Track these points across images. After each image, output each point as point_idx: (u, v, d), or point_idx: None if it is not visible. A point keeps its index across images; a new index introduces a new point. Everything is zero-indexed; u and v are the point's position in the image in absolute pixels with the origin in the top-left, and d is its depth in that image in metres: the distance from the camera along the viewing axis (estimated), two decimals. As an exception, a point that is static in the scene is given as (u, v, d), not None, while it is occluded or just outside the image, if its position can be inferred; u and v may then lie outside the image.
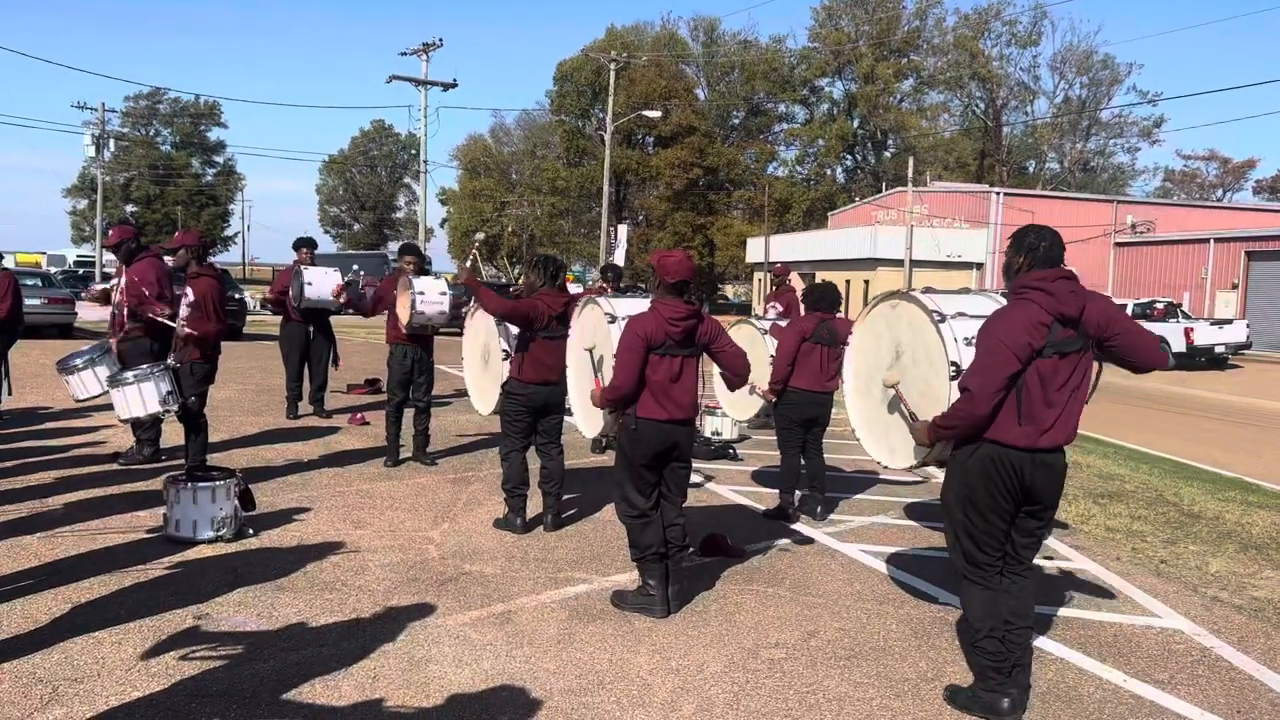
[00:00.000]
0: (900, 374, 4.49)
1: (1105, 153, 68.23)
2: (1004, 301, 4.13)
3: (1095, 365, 3.95)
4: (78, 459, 7.96)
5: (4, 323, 9.38)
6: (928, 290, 4.55)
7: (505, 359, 6.44)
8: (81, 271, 45.33)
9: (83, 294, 19.89)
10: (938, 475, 4.86)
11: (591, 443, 8.14)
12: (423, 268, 8.64)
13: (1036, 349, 3.72)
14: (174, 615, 4.59)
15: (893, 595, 5.45)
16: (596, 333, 5.39)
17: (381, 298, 8.90)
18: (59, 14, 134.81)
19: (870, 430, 4.81)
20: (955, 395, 3.96)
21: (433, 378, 8.71)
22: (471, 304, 7.05)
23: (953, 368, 4.11)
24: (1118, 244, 42.38)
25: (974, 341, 3.98)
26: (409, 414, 8.52)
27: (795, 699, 4.04)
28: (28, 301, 19.37)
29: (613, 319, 5.16)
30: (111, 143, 56.48)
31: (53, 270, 33.82)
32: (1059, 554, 6.35)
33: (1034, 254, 3.86)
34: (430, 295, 8.05)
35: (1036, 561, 4.17)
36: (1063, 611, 5.24)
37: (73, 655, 4.08)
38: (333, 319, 11.10)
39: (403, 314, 8.11)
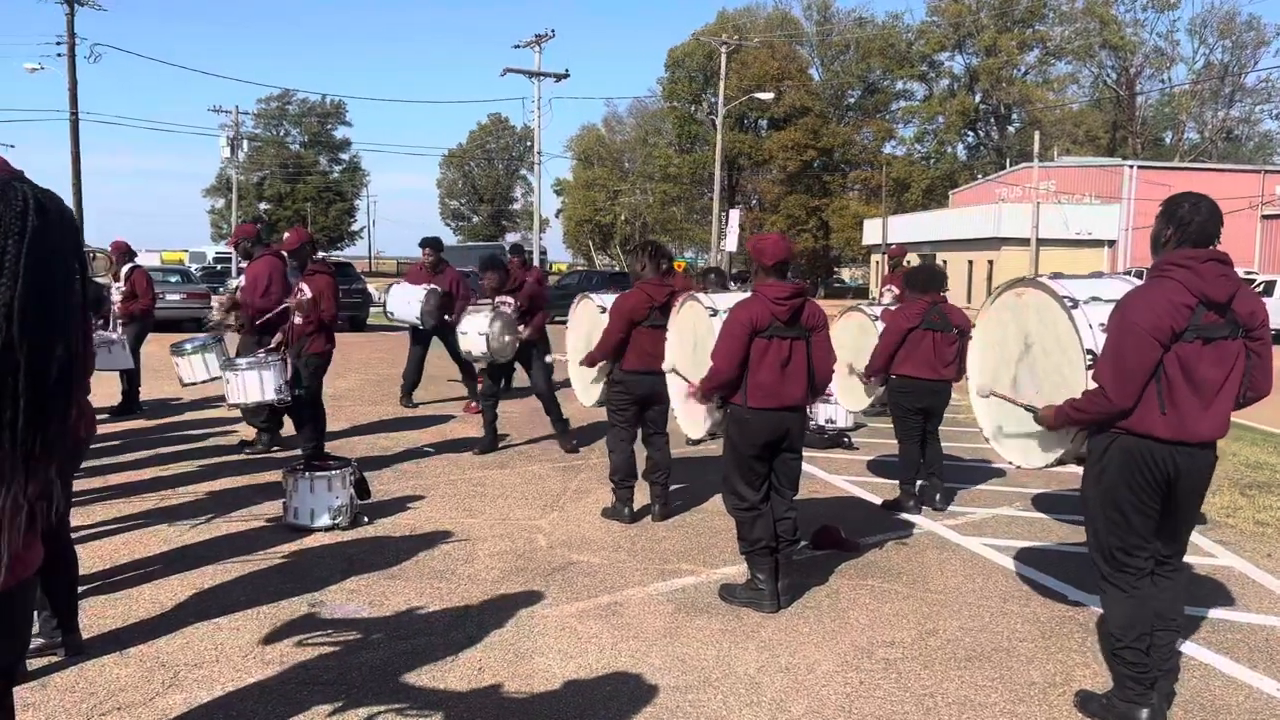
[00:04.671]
0: (1029, 365, 4.24)
1: (1250, 120, 64.10)
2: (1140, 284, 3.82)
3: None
4: (207, 449, 8.30)
5: (143, 318, 9.85)
6: (1056, 276, 4.27)
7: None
8: (220, 267, 47.59)
9: (214, 303, 20.89)
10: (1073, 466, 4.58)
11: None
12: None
13: (1177, 332, 3.41)
14: (289, 602, 4.69)
15: (1017, 592, 5.17)
16: (697, 328, 5.26)
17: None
18: (196, 23, 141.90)
19: (999, 430, 4.53)
20: (1093, 385, 3.68)
21: (545, 368, 8.72)
22: (576, 302, 7.12)
23: (1089, 356, 3.82)
24: (1265, 216, 39.75)
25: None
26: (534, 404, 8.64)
27: (912, 702, 3.84)
28: (168, 297, 20.64)
29: (714, 313, 5.03)
30: (245, 144, 59.08)
31: (193, 267, 35.60)
32: (1202, 550, 5.92)
33: (1184, 229, 3.50)
34: (470, 335, 8.15)
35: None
36: (1208, 613, 4.86)
37: (194, 641, 4.21)
38: None
39: None
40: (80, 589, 4.62)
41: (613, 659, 4.17)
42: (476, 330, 8.14)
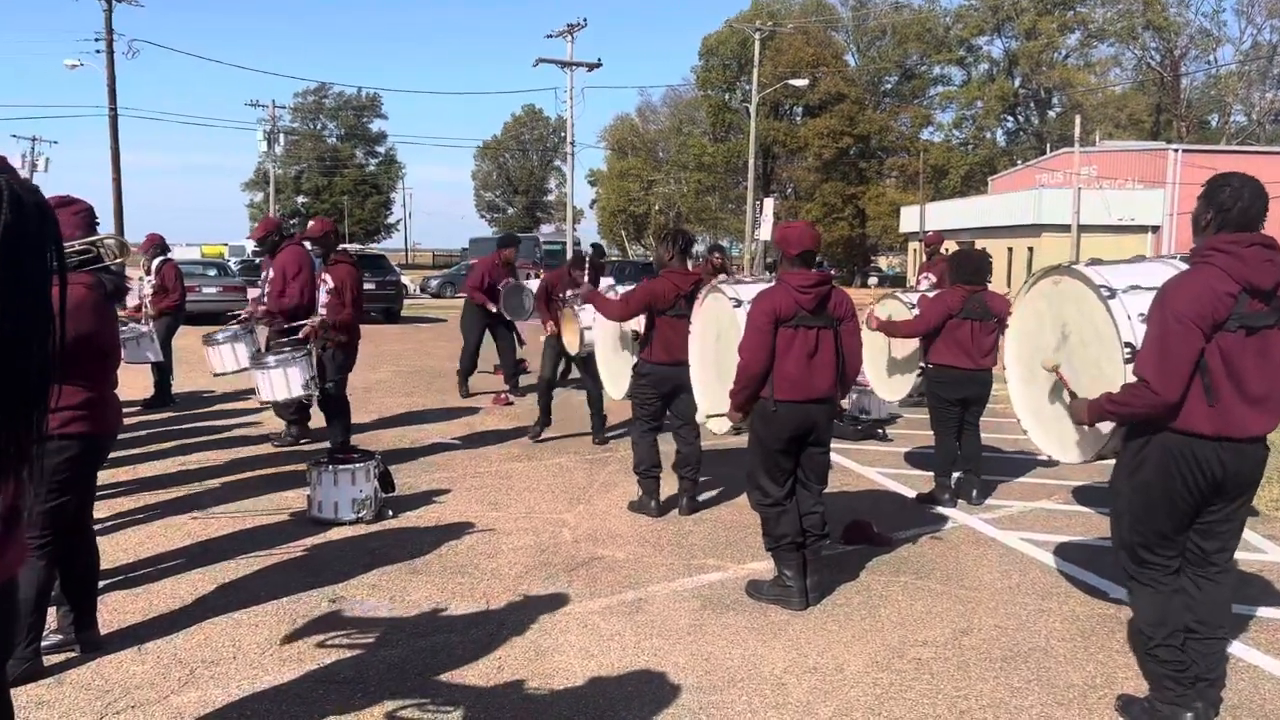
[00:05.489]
0: (1066, 356, 4.06)
1: (1301, 102, 62.32)
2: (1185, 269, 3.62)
3: None
4: (234, 440, 8.30)
5: (173, 311, 9.88)
6: (1094, 262, 4.08)
7: (635, 338, 6.29)
8: (258, 261, 48.00)
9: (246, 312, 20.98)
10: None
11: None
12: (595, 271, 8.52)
13: (1219, 322, 3.22)
14: (310, 597, 4.64)
15: (1057, 589, 4.99)
16: (720, 320, 5.13)
17: (549, 290, 8.83)
18: (231, 18, 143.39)
19: (1038, 420, 4.35)
20: (1131, 380, 3.51)
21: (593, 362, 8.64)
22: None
23: (1127, 349, 3.64)
24: (1317, 200, 38.69)
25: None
26: (583, 398, 8.53)
27: (944, 705, 3.70)
28: (205, 290, 20.85)
29: (738, 303, 4.88)
30: (282, 138, 59.51)
31: (232, 260, 35.96)
32: (1251, 545, 5.71)
33: (1225, 213, 3.30)
34: (598, 328, 7.96)
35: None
36: (1256, 611, 4.66)
37: (212, 637, 4.16)
38: None
39: (570, 343, 8.05)
40: (102, 583, 4.60)
41: (635, 657, 4.06)
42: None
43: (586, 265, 8.46)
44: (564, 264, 9.02)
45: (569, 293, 8.29)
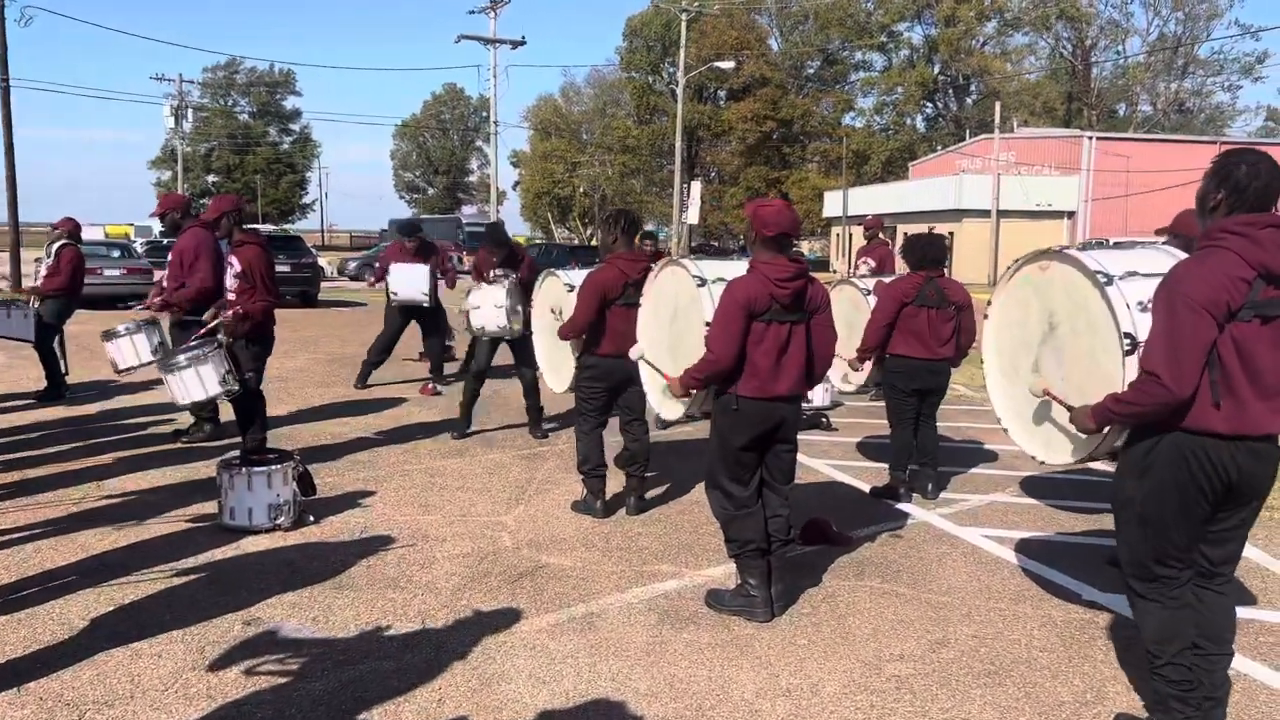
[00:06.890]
0: (1055, 348, 3.77)
1: (1203, 92, 64.60)
2: (1184, 257, 3.36)
3: None
4: (140, 438, 7.63)
5: (63, 296, 9.08)
6: (1086, 247, 3.80)
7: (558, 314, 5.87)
8: (166, 242, 46.03)
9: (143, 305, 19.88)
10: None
11: (657, 421, 7.22)
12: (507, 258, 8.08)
13: (1233, 310, 2.95)
14: (222, 620, 4.12)
15: (1028, 593, 4.75)
16: (679, 297, 4.71)
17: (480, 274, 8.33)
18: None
19: (1019, 419, 4.05)
20: (1132, 374, 3.22)
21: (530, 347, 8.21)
22: (541, 279, 6.54)
23: (1127, 340, 3.35)
24: (1222, 188, 39.99)
25: (1149, 306, 3.22)
26: (517, 388, 8.12)
27: (932, 730, 3.40)
28: (107, 272, 19.70)
29: (701, 282, 4.49)
30: (191, 114, 57.02)
31: (138, 241, 34.27)
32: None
33: (1240, 195, 3.02)
34: (485, 309, 7.60)
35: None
36: (1239, 613, 4.46)
37: (106, 672, 3.63)
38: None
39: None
40: (-23, 609, 4.05)
41: (591, 683, 3.67)
42: (494, 303, 7.53)
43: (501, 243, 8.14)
44: (483, 245, 8.56)
45: (493, 273, 7.81)
